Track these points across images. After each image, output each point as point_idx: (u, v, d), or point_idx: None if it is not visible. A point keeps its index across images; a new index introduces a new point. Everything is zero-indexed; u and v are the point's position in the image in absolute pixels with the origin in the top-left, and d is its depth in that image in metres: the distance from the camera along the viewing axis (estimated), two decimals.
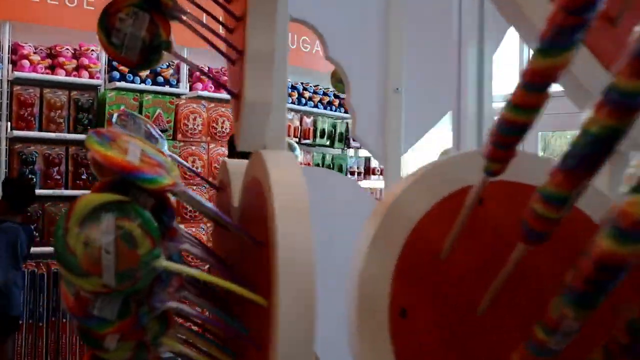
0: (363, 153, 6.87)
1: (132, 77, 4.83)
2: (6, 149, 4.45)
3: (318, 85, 6.32)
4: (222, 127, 5.20)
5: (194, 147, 5.03)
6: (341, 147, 6.44)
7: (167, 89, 5.02)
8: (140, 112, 4.80)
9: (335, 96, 6.50)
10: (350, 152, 6.77)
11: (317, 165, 6.10)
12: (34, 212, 4.48)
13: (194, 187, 4.97)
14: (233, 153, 3.71)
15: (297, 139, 5.85)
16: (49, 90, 4.60)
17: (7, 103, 4.46)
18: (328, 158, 6.23)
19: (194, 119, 5.03)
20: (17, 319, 4.00)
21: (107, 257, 0.74)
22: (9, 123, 4.44)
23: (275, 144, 1.05)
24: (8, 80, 4.47)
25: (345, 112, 6.55)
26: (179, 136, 4.96)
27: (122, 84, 4.76)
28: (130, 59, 0.98)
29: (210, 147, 5.14)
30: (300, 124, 5.90)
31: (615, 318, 0.56)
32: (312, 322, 0.74)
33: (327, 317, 0.88)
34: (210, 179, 4.91)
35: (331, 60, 2.18)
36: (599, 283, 0.49)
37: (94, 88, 4.79)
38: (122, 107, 4.71)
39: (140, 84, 4.88)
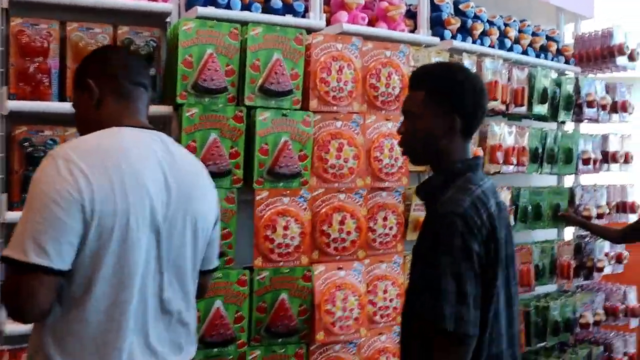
0: (593, 128, 4.34)
1: None
2: (2, 135, 2.38)
3: (525, 21, 3.87)
4: (386, 86, 2.89)
5: (339, 124, 2.75)
6: (568, 119, 3.93)
7: (289, 19, 2.77)
8: (243, 60, 2.58)
9: (550, 38, 4.02)
10: (581, 127, 4.27)
11: (536, 150, 3.66)
12: None
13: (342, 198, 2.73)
14: None
15: (504, 106, 3.43)
16: (76, 24, 2.47)
17: (1, 51, 2.39)
18: (550, 138, 3.76)
19: (339, 71, 2.74)
20: None
21: None
22: (5, 88, 2.37)
23: None
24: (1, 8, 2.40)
25: (567, 61, 4.06)
26: (313, 102, 2.70)
27: (209, 10, 2.56)
28: None
29: (367, 121, 2.84)
30: (509, 80, 3.48)
31: None
32: None
33: None
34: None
35: None
36: None
37: (160, 18, 2.62)
38: (210, 52, 2.51)
39: (241, 10, 2.66)
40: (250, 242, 2.59)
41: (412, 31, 3.28)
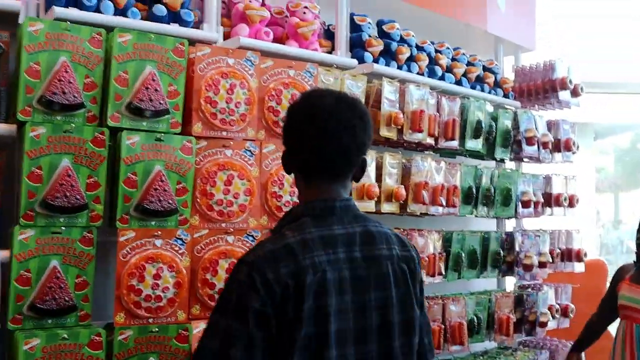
0: (535, 168, 3.99)
1: None
2: None
3: (460, 49, 3.52)
4: None
5: (229, 153, 2.32)
6: (506, 156, 3.56)
7: (174, 28, 2.35)
8: (108, 71, 2.14)
9: (487, 69, 3.68)
10: (522, 166, 3.91)
11: (469, 189, 3.26)
12: None
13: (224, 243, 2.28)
14: None
15: (432, 139, 3.05)
16: None
17: None
18: (486, 177, 3.39)
19: (230, 90, 2.32)
20: None
21: None
22: None
23: None
24: None
25: (505, 95, 3.73)
26: (197, 126, 2.26)
27: (71, 12, 2.12)
28: None
29: (263, 150, 2.41)
30: (439, 112, 3.10)
31: None
32: None
33: None
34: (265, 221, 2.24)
35: None
36: None
37: (10, 19, 2.17)
38: (63, 59, 2.07)
39: (115, 15, 2.23)
40: (112, 294, 2.12)
41: (330, 52, 2.90)
